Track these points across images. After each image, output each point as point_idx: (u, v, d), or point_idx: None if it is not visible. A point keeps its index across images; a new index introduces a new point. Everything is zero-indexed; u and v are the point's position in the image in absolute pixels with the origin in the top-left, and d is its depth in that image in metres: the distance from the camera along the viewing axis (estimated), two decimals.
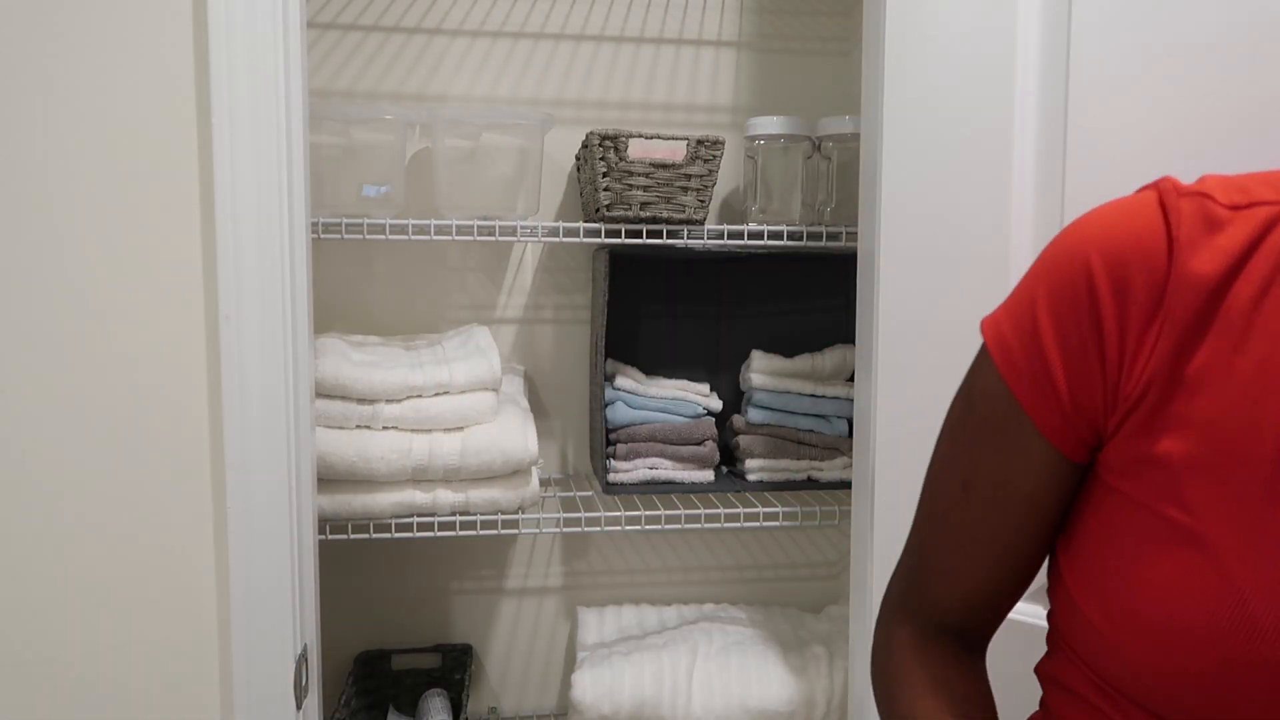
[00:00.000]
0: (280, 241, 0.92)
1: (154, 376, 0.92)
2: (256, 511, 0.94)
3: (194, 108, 0.90)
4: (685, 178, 1.33)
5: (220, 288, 0.91)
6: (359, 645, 1.58)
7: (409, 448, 1.26)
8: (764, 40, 1.58)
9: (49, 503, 0.91)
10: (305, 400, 0.98)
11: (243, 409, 0.92)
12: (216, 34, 0.88)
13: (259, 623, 0.95)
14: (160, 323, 0.92)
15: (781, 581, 1.56)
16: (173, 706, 0.96)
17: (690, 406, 1.45)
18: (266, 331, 0.92)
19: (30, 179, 0.88)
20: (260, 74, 0.90)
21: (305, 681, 0.99)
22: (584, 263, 1.58)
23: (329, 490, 1.26)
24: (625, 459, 1.42)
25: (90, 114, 0.89)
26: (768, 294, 1.59)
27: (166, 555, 0.94)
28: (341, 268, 1.51)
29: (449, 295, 1.55)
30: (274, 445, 0.94)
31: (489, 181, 1.37)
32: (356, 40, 1.48)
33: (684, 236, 1.37)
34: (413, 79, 1.50)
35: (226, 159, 0.90)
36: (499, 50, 1.51)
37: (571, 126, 1.52)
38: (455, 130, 1.35)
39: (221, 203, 0.90)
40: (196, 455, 0.94)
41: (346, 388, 1.25)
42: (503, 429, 1.30)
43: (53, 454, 0.91)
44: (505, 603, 1.62)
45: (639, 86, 1.56)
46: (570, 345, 1.59)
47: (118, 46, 0.89)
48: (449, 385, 1.28)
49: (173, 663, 0.96)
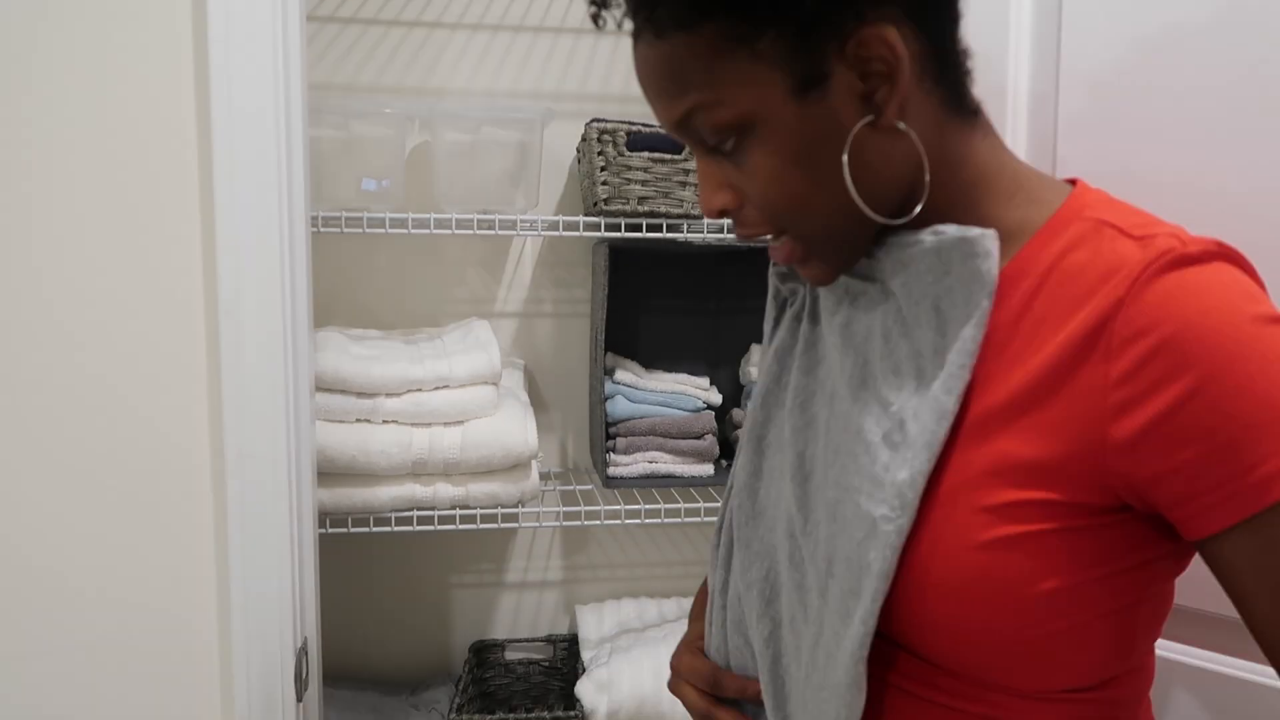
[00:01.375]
0: (280, 235, 0.92)
1: (154, 370, 0.92)
2: (257, 505, 0.94)
3: (194, 101, 0.90)
4: (684, 172, 1.33)
5: (220, 281, 0.91)
6: (359, 643, 1.58)
7: (409, 441, 1.27)
8: None
9: (47, 499, 0.92)
10: (305, 394, 0.98)
11: (243, 402, 0.93)
12: (216, 28, 0.88)
13: (259, 616, 0.95)
14: (161, 316, 0.92)
15: None
16: (174, 699, 0.96)
17: (690, 400, 1.46)
18: (266, 325, 0.92)
19: (29, 172, 0.88)
20: (260, 68, 0.90)
21: (306, 674, 0.99)
22: (584, 257, 1.58)
23: (329, 484, 1.26)
24: (625, 453, 1.42)
25: (90, 109, 0.89)
26: (767, 288, 1.59)
27: (167, 548, 0.94)
28: (341, 262, 1.51)
29: (449, 289, 1.55)
30: (274, 439, 0.94)
31: (488, 175, 1.37)
32: (356, 34, 1.48)
33: (684, 230, 1.37)
34: (412, 73, 1.49)
35: (226, 153, 0.90)
36: (498, 44, 1.51)
37: (571, 120, 1.52)
38: (455, 124, 1.35)
39: (221, 197, 0.90)
40: (197, 449, 0.94)
41: (346, 381, 1.25)
42: (503, 423, 1.30)
43: (52, 448, 0.91)
44: (505, 596, 1.62)
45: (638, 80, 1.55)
46: (570, 339, 1.59)
47: (117, 41, 0.89)
48: (449, 379, 1.28)
49: (173, 656, 0.96)
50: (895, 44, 0.52)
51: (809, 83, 0.53)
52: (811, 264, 0.60)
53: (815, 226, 0.58)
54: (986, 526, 0.53)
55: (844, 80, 0.53)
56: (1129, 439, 0.50)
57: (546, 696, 1.60)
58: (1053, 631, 0.53)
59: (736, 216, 0.60)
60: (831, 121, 0.54)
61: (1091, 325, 0.51)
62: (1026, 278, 0.56)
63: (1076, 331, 0.52)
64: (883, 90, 0.53)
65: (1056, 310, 0.54)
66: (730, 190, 0.58)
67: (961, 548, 0.53)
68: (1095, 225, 0.55)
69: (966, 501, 0.53)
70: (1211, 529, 0.49)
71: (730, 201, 0.59)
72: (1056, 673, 0.55)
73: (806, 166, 0.55)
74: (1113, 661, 0.57)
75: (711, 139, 0.56)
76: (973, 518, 0.53)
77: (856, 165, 0.55)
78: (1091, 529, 0.53)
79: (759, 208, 0.58)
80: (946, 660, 0.56)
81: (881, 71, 0.53)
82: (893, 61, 0.52)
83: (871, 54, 0.52)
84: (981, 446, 0.54)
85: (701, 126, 0.56)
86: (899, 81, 0.53)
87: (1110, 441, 0.51)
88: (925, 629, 0.56)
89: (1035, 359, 0.53)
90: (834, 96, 0.53)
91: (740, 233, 0.61)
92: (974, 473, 0.54)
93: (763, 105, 0.53)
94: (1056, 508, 0.52)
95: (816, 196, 0.56)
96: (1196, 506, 0.49)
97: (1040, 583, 0.52)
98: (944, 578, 0.54)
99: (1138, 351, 0.50)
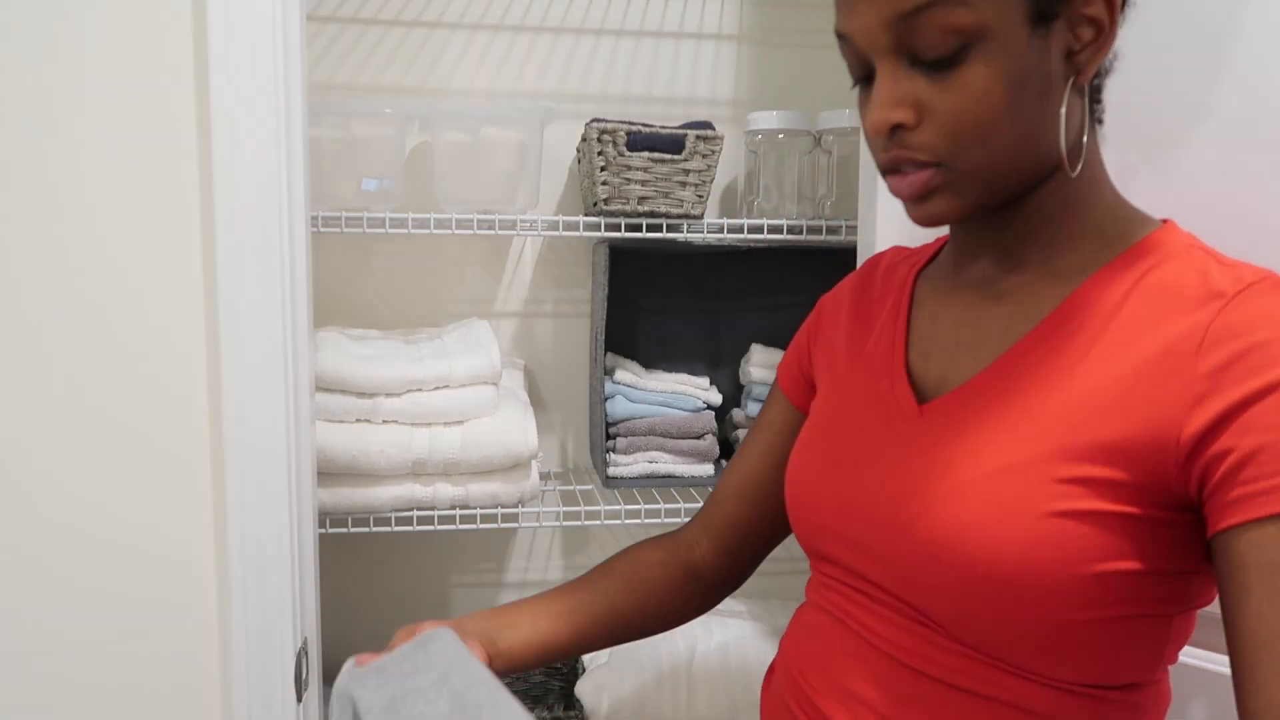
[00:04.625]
0: (280, 235, 0.92)
1: (154, 370, 0.92)
2: (257, 505, 0.94)
3: (194, 101, 0.90)
4: (684, 172, 1.33)
5: (220, 281, 0.91)
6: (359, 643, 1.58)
7: (409, 441, 1.27)
8: (764, 34, 1.58)
9: (48, 498, 0.91)
10: (305, 394, 0.98)
11: (243, 402, 0.92)
12: (216, 28, 0.88)
13: (259, 616, 0.95)
14: (161, 316, 0.92)
15: (781, 575, 1.56)
16: (173, 700, 0.96)
17: (690, 400, 1.45)
18: (266, 325, 0.92)
19: (28, 172, 0.88)
20: (260, 68, 0.89)
21: (306, 675, 0.99)
22: (584, 256, 1.58)
23: (329, 484, 1.26)
24: (625, 453, 1.42)
25: (90, 108, 0.89)
26: (767, 288, 1.59)
27: (167, 548, 0.94)
28: (341, 261, 1.51)
29: (449, 289, 1.55)
30: (274, 438, 0.94)
31: (488, 175, 1.37)
32: (356, 34, 1.48)
33: (684, 230, 1.37)
34: (412, 72, 1.49)
35: (226, 153, 0.90)
36: (499, 44, 1.51)
37: (571, 120, 1.51)
38: (455, 124, 1.35)
39: (221, 197, 0.90)
40: (197, 449, 0.94)
41: (346, 381, 1.25)
42: (503, 423, 1.30)
43: (52, 449, 0.91)
44: (505, 596, 1.62)
45: (639, 80, 1.55)
46: (570, 339, 1.59)
47: (118, 41, 0.88)
48: (449, 379, 1.28)
49: (173, 656, 0.96)
50: (1115, 9, 0.55)
51: (1043, 15, 0.55)
52: (942, 199, 0.60)
53: (979, 161, 0.58)
54: (1055, 498, 0.54)
55: (1063, 27, 0.56)
56: (1206, 423, 0.51)
57: (546, 696, 1.60)
58: (1093, 619, 0.55)
59: (902, 139, 0.59)
60: (1046, 60, 0.56)
61: (1190, 329, 0.53)
62: (1118, 282, 0.58)
63: (1173, 334, 0.54)
64: (1088, 51, 0.56)
65: (1150, 313, 0.56)
66: (912, 108, 0.57)
67: (1029, 515, 0.55)
68: (1187, 248, 0.58)
69: (1040, 472, 0.55)
70: (1256, 514, 0.50)
71: (910, 118, 0.58)
72: (1086, 664, 0.56)
73: (1015, 93, 0.55)
74: (1141, 667, 0.58)
75: (936, 41, 0.55)
76: (1043, 487, 0.55)
77: (1041, 116, 0.57)
78: (1149, 521, 0.54)
79: (947, 127, 0.57)
80: (982, 637, 0.57)
81: (1089, 36, 0.56)
82: (1105, 26, 0.55)
83: (1091, 12, 0.55)
84: (1066, 428, 0.55)
85: (931, 25, 0.55)
86: (1104, 47, 0.56)
87: (1186, 428, 0.52)
88: (970, 599, 0.57)
89: (1127, 354, 0.55)
90: (1053, 38, 0.56)
91: (892, 155, 0.60)
92: (1051, 447, 0.55)
93: (1001, 20, 0.54)
94: (1123, 489, 0.54)
95: (1006, 126, 0.56)
96: (1250, 490, 0.50)
97: (1094, 564, 0.54)
98: (1006, 541, 0.55)
99: (1229, 350, 0.51)
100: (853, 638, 0.65)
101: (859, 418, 0.69)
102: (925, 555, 0.59)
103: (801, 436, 0.75)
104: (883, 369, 0.69)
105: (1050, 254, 0.62)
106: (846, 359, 0.74)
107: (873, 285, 0.78)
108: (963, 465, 0.58)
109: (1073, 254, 0.62)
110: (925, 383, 0.66)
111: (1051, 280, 0.62)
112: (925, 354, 0.68)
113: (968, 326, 0.65)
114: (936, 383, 0.65)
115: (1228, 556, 0.51)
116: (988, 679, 0.58)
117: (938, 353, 0.67)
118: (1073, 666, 0.57)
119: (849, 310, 0.78)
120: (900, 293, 0.73)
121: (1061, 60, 0.56)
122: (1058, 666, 0.57)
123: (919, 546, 0.59)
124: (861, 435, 0.68)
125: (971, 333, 0.65)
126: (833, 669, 0.66)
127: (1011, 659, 0.57)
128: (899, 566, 0.61)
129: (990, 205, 0.61)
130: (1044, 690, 0.57)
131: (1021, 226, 0.63)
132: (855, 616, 0.65)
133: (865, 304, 0.76)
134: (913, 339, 0.69)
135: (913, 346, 0.69)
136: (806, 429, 0.75)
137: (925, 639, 0.60)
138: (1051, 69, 0.56)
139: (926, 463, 0.61)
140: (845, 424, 0.70)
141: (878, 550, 0.63)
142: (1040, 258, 0.63)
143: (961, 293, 0.68)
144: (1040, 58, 0.55)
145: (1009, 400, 0.59)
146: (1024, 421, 0.57)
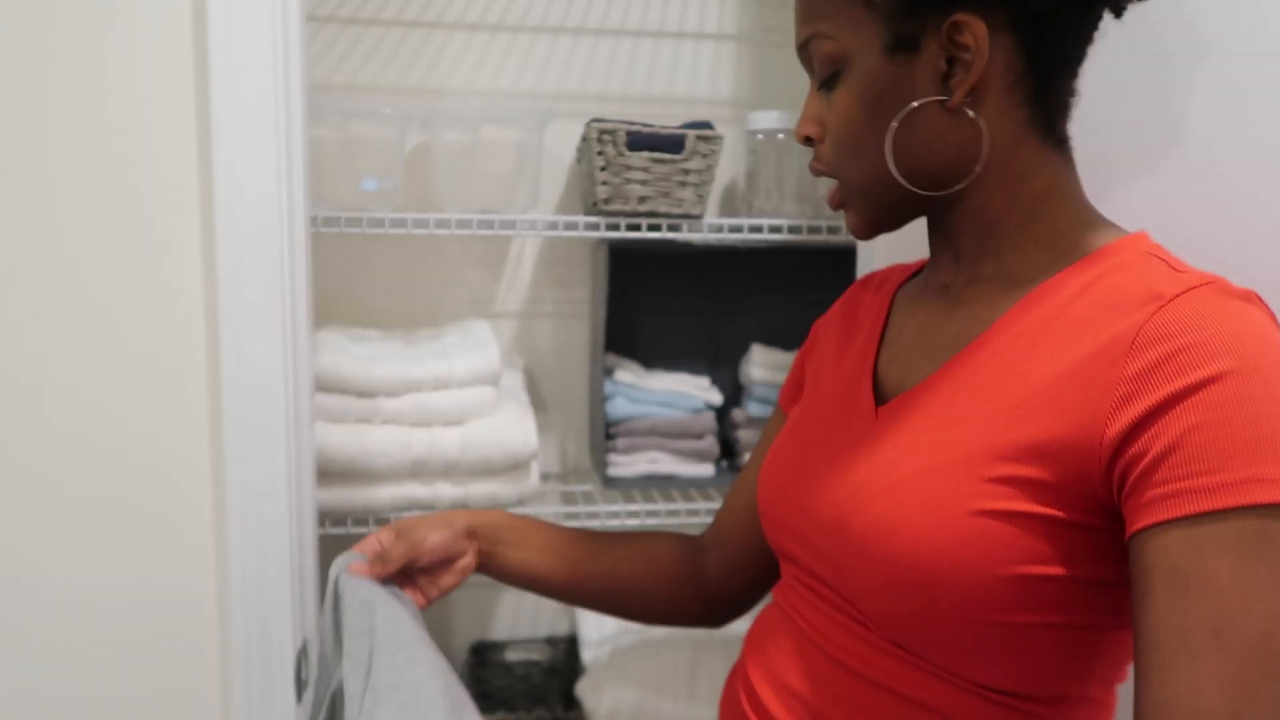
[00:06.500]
0: (280, 235, 0.92)
1: (154, 370, 0.92)
2: (256, 506, 0.94)
3: (194, 102, 0.90)
4: (684, 172, 1.33)
5: (220, 282, 0.91)
6: None
7: (408, 442, 1.26)
8: (763, 33, 1.58)
9: (48, 497, 0.91)
10: (305, 394, 0.98)
11: (242, 403, 0.92)
12: (216, 28, 0.88)
13: (259, 617, 0.95)
14: (161, 316, 0.92)
15: None
16: (174, 700, 0.96)
17: (690, 400, 1.45)
18: (266, 325, 0.92)
19: (28, 172, 0.88)
20: (260, 68, 0.89)
21: (306, 675, 0.99)
22: (584, 256, 1.58)
23: (329, 485, 1.26)
24: (625, 453, 1.42)
25: (90, 108, 0.89)
26: (767, 288, 1.59)
27: (166, 549, 0.94)
28: (341, 262, 1.51)
29: (448, 289, 1.55)
30: (274, 439, 0.94)
31: (488, 175, 1.37)
32: (356, 34, 1.48)
33: (684, 230, 1.37)
34: (412, 73, 1.49)
35: (227, 153, 0.90)
36: (498, 44, 1.51)
37: (571, 120, 1.51)
38: (454, 124, 1.35)
39: (221, 197, 0.90)
40: (196, 450, 0.94)
41: (346, 382, 1.25)
42: (502, 423, 1.30)
43: (51, 447, 0.91)
44: (505, 597, 1.62)
45: (639, 80, 1.55)
46: (570, 339, 1.59)
47: (117, 41, 0.88)
48: (449, 379, 1.28)
49: (173, 656, 0.96)
50: (981, 39, 0.58)
51: (901, 44, 0.60)
52: (849, 212, 0.68)
53: (858, 174, 0.65)
54: (982, 496, 0.55)
55: (931, 55, 0.60)
56: (1128, 424, 0.51)
57: (546, 697, 1.60)
58: (1014, 624, 0.55)
59: (816, 151, 0.68)
60: (906, 85, 0.60)
61: (1124, 331, 0.53)
62: (1068, 286, 0.59)
63: (1108, 336, 0.54)
64: (959, 75, 0.59)
65: (1093, 317, 0.56)
66: (817, 123, 0.66)
67: (955, 512, 0.55)
68: (1144, 256, 0.58)
69: (970, 471, 0.56)
70: (1163, 516, 0.49)
71: (814, 132, 0.67)
72: (1008, 670, 0.56)
73: (871, 116, 0.62)
74: (1068, 680, 0.58)
75: (818, 68, 0.64)
76: (972, 486, 0.55)
77: (909, 135, 0.61)
78: (1074, 526, 0.54)
79: (829, 142, 0.65)
80: (908, 635, 0.58)
81: (964, 60, 0.59)
82: (974, 53, 0.58)
83: (960, 40, 0.58)
84: (998, 427, 0.56)
85: (816, 53, 0.64)
86: (973, 71, 0.58)
87: (1110, 429, 0.52)
88: (895, 596, 0.57)
89: (1064, 356, 0.55)
90: (918, 66, 0.60)
91: (813, 166, 0.69)
92: (983, 445, 0.56)
93: (860, 49, 0.61)
94: (1048, 491, 0.54)
95: (868, 146, 0.63)
96: (1160, 492, 0.49)
97: (1015, 566, 0.54)
98: (929, 538, 0.55)
99: (1159, 352, 0.51)
100: (796, 633, 0.67)
101: (825, 420, 0.71)
102: (856, 551, 0.60)
103: (775, 441, 0.77)
104: (853, 373, 0.71)
105: (1004, 262, 0.63)
106: (829, 369, 0.76)
107: (862, 301, 0.80)
108: (900, 463, 0.60)
109: (1026, 261, 0.62)
110: (888, 385, 0.68)
111: (1005, 286, 0.63)
112: (892, 358, 0.70)
113: (929, 331, 0.67)
114: (897, 385, 0.67)
115: (1137, 560, 0.51)
116: (913, 680, 0.59)
117: (902, 357, 0.68)
118: (995, 672, 0.57)
119: (837, 327, 0.80)
120: (882, 303, 0.75)
121: (933, 85, 0.60)
122: (980, 671, 0.57)
123: (851, 543, 0.60)
124: (826, 437, 0.69)
125: (931, 337, 0.66)
126: (774, 662, 0.68)
127: (937, 660, 0.58)
128: (838, 564, 0.62)
129: (892, 218, 0.66)
130: (968, 696, 0.58)
131: (969, 236, 0.65)
132: (802, 613, 0.67)
133: (852, 319, 0.79)
134: (884, 345, 0.71)
135: (883, 352, 0.71)
136: (780, 434, 0.77)
137: (859, 636, 0.61)
138: (916, 92, 0.60)
139: (872, 461, 0.62)
140: (813, 427, 0.72)
141: (823, 548, 0.64)
142: (994, 265, 0.64)
143: (928, 300, 0.70)
144: (900, 83, 0.60)
145: (952, 400, 0.60)
146: (962, 420, 0.58)
